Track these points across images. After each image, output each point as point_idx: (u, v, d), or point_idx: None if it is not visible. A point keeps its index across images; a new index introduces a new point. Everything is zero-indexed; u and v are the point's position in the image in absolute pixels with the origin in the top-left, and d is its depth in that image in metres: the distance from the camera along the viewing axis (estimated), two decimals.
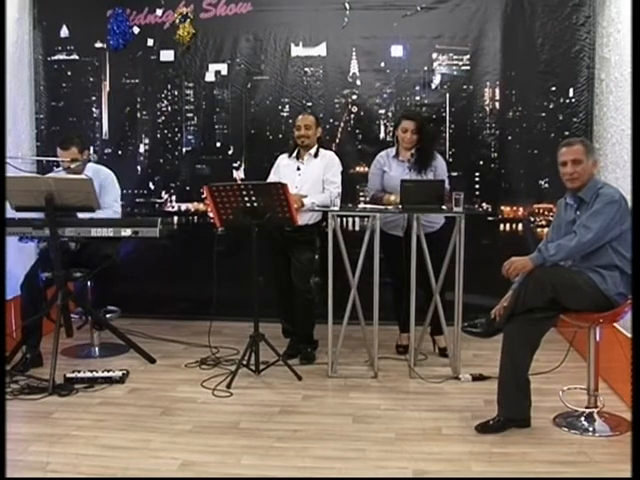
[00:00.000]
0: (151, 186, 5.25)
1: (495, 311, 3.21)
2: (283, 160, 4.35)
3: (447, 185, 4.01)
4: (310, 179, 4.19)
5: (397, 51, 4.94)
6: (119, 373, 3.79)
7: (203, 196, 4.89)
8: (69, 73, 5.22)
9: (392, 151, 4.28)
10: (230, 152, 5.17)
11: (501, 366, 3.11)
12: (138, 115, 5.23)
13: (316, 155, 4.25)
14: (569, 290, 3.00)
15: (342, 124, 5.04)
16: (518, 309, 3.02)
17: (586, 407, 3.17)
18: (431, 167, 4.17)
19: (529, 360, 3.06)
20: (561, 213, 3.30)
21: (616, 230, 3.01)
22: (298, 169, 4.25)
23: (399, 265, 4.05)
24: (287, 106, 5.07)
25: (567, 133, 4.71)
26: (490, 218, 4.96)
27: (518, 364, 3.05)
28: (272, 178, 4.31)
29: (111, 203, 4.25)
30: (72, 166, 4.16)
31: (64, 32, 5.19)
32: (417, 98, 4.96)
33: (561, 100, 4.82)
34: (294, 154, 4.30)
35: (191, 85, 5.17)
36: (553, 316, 3.04)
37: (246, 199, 3.77)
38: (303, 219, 4.08)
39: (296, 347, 4.25)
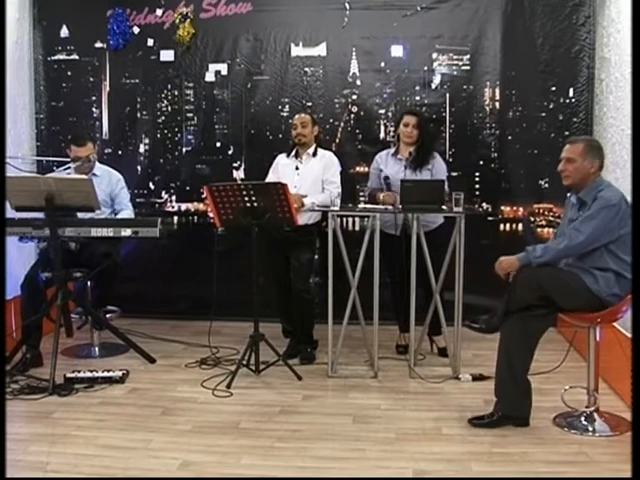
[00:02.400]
0: (151, 186, 5.25)
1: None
2: (282, 159, 4.35)
3: (446, 188, 3.99)
4: (309, 179, 4.19)
5: (397, 51, 4.94)
6: (119, 373, 3.79)
7: (203, 196, 4.90)
8: (69, 73, 5.23)
9: (392, 150, 4.29)
10: (230, 152, 5.17)
11: (498, 363, 3.12)
12: (138, 115, 5.23)
13: (314, 154, 4.26)
14: (557, 288, 3.01)
15: (342, 124, 5.04)
16: (511, 307, 3.04)
17: (586, 407, 3.17)
18: (428, 166, 4.16)
19: (527, 358, 3.06)
20: (567, 211, 3.32)
21: (613, 234, 3.00)
22: (297, 168, 4.24)
23: (396, 264, 4.05)
24: (287, 106, 5.07)
25: (567, 133, 4.71)
26: (490, 218, 4.95)
27: (514, 361, 3.05)
28: (271, 177, 4.31)
29: (127, 203, 4.44)
30: (73, 166, 4.17)
31: (64, 32, 5.19)
32: (417, 98, 4.96)
33: (561, 100, 4.82)
34: (292, 153, 4.30)
35: (191, 85, 5.17)
36: (549, 314, 3.04)
37: (246, 199, 3.77)
38: (303, 219, 4.08)
39: (296, 347, 4.24)
